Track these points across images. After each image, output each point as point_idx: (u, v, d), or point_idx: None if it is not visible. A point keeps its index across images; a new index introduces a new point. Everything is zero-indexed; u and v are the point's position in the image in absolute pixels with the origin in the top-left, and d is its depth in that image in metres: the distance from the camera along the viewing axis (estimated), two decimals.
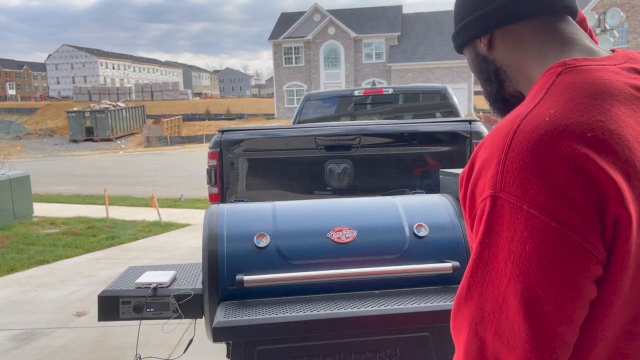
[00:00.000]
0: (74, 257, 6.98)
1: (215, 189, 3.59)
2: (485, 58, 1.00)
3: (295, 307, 1.79)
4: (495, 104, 1.04)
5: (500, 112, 1.05)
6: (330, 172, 3.50)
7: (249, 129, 3.69)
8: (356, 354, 1.88)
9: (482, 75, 1.02)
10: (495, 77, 1.00)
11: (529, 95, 0.85)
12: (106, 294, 2.07)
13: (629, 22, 29.18)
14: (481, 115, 35.03)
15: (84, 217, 9.94)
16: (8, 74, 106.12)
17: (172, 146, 32.25)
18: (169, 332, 3.97)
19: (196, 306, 2.02)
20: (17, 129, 45.76)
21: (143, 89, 69.09)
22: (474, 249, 0.78)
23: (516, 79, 0.97)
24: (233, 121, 44.77)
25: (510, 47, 0.95)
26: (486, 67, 1.00)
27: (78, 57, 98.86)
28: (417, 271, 1.93)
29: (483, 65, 1.01)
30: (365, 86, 6.30)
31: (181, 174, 17.89)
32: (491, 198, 0.75)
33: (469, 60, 1.05)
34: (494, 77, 1.00)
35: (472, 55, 1.03)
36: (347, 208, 2.16)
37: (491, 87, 1.02)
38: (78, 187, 15.12)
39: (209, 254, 1.94)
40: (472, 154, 0.89)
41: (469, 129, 3.47)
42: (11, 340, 4.18)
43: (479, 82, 1.07)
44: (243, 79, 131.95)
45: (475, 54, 1.02)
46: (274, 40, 45.83)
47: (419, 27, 45.57)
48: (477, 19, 0.97)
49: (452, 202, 2.21)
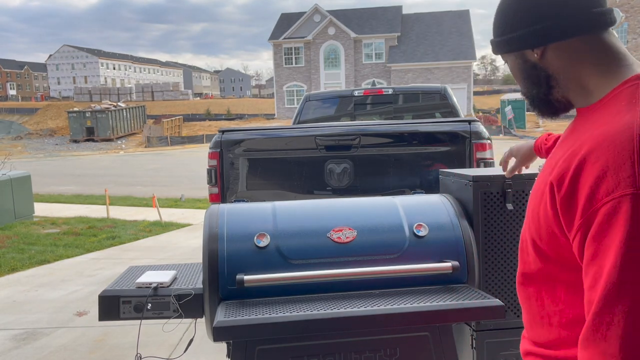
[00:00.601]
0: (75, 257, 6.99)
1: (215, 189, 3.60)
2: (535, 65, 1.09)
3: (295, 306, 1.80)
4: (540, 105, 1.14)
5: (542, 112, 1.15)
6: (330, 172, 3.50)
7: (249, 129, 3.70)
8: (356, 354, 1.89)
9: (529, 79, 1.12)
10: (545, 83, 1.09)
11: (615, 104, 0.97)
12: (107, 293, 2.07)
13: (629, 22, 29.17)
14: (481, 115, 35.04)
15: (85, 217, 9.94)
16: (9, 74, 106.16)
17: (172, 146, 32.26)
18: (169, 332, 3.98)
19: (196, 306, 2.03)
20: (18, 129, 45.79)
21: (144, 89, 69.10)
22: (615, 246, 0.83)
23: (567, 86, 1.08)
24: (233, 121, 44.76)
25: (565, 58, 1.05)
26: (536, 73, 1.10)
27: (79, 57, 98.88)
28: (417, 271, 1.93)
29: (533, 72, 1.10)
30: (365, 86, 6.30)
31: (181, 174, 17.89)
32: (632, 196, 0.82)
33: (514, 64, 1.14)
34: (544, 83, 1.09)
35: (519, 61, 1.12)
36: (347, 208, 2.16)
37: (538, 90, 1.12)
38: (79, 187, 15.13)
39: (209, 253, 1.94)
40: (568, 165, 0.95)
41: (469, 129, 3.48)
42: (12, 339, 4.19)
43: (521, 84, 1.16)
44: (243, 79, 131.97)
45: (523, 61, 1.11)
46: (274, 41, 45.83)
47: (418, 28, 45.57)
48: (533, 32, 1.06)
49: (452, 202, 2.21)
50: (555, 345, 1.08)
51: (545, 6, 1.04)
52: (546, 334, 1.11)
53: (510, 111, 30.00)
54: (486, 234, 2.18)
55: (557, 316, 1.08)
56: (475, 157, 3.44)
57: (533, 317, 1.15)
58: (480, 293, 1.87)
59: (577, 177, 0.92)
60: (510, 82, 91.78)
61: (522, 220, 2.19)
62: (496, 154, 4.24)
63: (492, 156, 3.52)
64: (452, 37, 43.86)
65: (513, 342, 2.21)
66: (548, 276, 1.09)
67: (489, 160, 3.47)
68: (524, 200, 2.19)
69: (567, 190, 0.93)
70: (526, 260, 1.15)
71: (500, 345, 2.21)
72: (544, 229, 1.03)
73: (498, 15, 1.14)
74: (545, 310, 1.11)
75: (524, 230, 1.17)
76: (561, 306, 1.07)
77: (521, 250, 1.18)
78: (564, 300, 1.06)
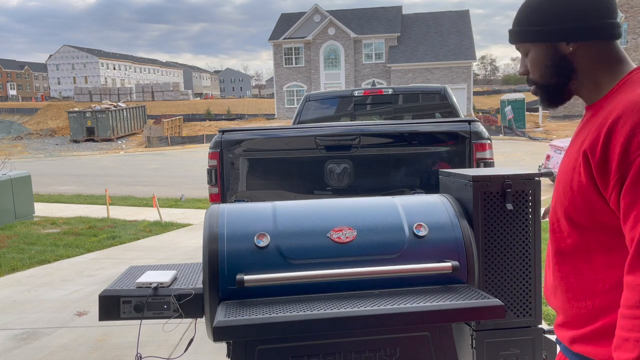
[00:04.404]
0: (75, 257, 6.99)
1: (215, 189, 3.60)
2: (565, 58, 1.23)
3: (295, 306, 1.80)
4: (553, 93, 1.28)
5: (551, 100, 1.30)
6: (330, 172, 3.51)
7: (249, 129, 3.70)
8: (356, 354, 1.89)
9: (553, 69, 1.25)
10: (568, 75, 1.24)
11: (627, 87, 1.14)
12: (107, 293, 2.07)
13: (628, 22, 29.17)
14: (480, 115, 35.03)
15: (85, 217, 9.95)
16: (9, 75, 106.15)
17: (172, 146, 32.25)
18: (169, 332, 3.98)
19: (197, 306, 2.03)
20: (18, 129, 45.77)
21: (144, 89, 69.12)
22: None
23: (583, 82, 1.24)
24: (233, 121, 44.74)
25: (590, 57, 1.21)
26: (562, 65, 1.24)
27: (79, 57, 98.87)
28: (417, 271, 1.93)
29: (560, 63, 1.24)
30: (365, 86, 6.31)
31: (182, 174, 17.90)
32: None
33: (542, 53, 1.25)
34: (567, 75, 1.24)
35: (549, 51, 1.24)
36: (347, 208, 2.16)
37: (557, 80, 1.26)
38: (79, 187, 15.14)
39: (209, 253, 1.95)
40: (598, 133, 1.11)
41: (469, 129, 3.48)
42: (12, 339, 4.19)
43: (540, 72, 1.27)
44: (243, 79, 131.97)
45: (554, 52, 1.24)
46: (274, 41, 45.83)
47: (418, 28, 45.57)
48: (574, 29, 1.20)
49: (452, 202, 2.22)
50: (597, 316, 1.17)
51: (583, 7, 1.18)
52: (589, 305, 1.19)
53: (510, 111, 30.00)
54: (486, 234, 2.18)
55: (599, 284, 1.17)
56: (475, 157, 3.45)
57: (573, 293, 1.23)
58: (480, 293, 1.88)
59: (608, 141, 1.07)
60: (510, 82, 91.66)
61: (522, 220, 2.19)
62: (496, 154, 4.24)
63: (491, 156, 3.52)
64: (452, 37, 43.86)
65: (513, 342, 2.22)
66: (585, 247, 1.19)
67: (488, 160, 3.47)
68: (524, 200, 2.19)
69: (600, 154, 1.08)
70: (560, 238, 1.25)
71: (500, 345, 2.21)
72: (578, 200, 1.16)
73: (530, 8, 1.25)
74: (586, 280, 1.20)
75: (553, 211, 1.27)
76: (600, 274, 1.17)
77: (553, 232, 1.28)
78: (602, 268, 1.16)
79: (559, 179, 1.24)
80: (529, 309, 2.23)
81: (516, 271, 2.21)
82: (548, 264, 1.36)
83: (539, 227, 2.21)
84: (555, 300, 1.30)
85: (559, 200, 1.23)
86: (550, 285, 1.32)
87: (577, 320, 1.22)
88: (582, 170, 1.13)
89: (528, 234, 2.19)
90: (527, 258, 2.21)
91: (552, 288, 1.30)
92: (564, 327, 1.27)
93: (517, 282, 2.22)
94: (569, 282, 1.23)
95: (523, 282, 2.22)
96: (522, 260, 2.20)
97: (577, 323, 1.22)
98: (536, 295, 2.23)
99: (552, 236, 1.29)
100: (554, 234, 1.28)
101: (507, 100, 31.36)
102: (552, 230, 1.29)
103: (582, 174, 1.13)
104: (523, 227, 2.19)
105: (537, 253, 2.21)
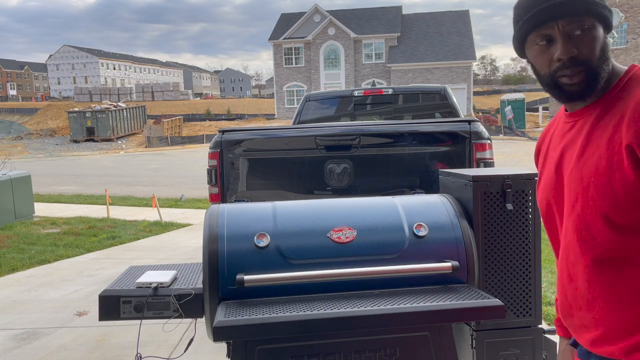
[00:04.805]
0: (75, 257, 6.99)
1: (215, 189, 3.60)
2: (606, 42, 1.24)
3: (295, 306, 1.80)
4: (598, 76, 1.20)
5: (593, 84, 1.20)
6: (330, 172, 3.51)
7: (249, 129, 3.70)
8: (356, 354, 1.89)
9: (605, 53, 1.21)
10: (607, 58, 1.21)
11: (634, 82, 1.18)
12: (107, 293, 2.07)
13: (628, 22, 29.14)
14: (480, 115, 35.02)
15: (85, 217, 9.95)
16: (9, 74, 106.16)
17: (172, 146, 32.25)
18: (169, 332, 3.98)
19: (197, 306, 2.03)
20: (18, 129, 45.78)
21: (144, 89, 69.12)
22: None
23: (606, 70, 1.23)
24: (233, 121, 44.74)
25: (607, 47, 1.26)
26: (607, 51, 1.23)
27: (79, 57, 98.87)
28: (417, 271, 1.93)
29: (605, 47, 1.23)
30: (365, 86, 6.31)
31: (182, 174, 17.90)
32: None
33: (601, 35, 1.21)
34: (607, 58, 1.21)
35: (602, 32, 1.21)
36: (347, 208, 2.16)
37: (606, 66, 1.21)
38: (79, 187, 15.14)
39: (209, 253, 1.95)
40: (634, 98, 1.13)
41: (469, 129, 3.48)
42: (12, 339, 4.19)
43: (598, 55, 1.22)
44: (243, 79, 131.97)
45: (603, 35, 1.22)
46: (274, 41, 45.83)
47: (418, 28, 45.57)
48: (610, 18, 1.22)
49: (452, 202, 2.22)
50: None
51: None
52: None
53: (510, 111, 30.01)
54: (486, 234, 2.18)
55: None
56: (475, 157, 3.45)
57: (619, 300, 1.14)
58: (480, 293, 1.88)
59: None
60: (510, 82, 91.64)
61: (522, 220, 2.19)
62: (496, 154, 4.24)
63: (491, 156, 3.52)
64: (452, 37, 43.86)
65: (513, 342, 2.22)
66: (627, 250, 1.12)
67: (488, 160, 3.47)
68: (524, 200, 2.19)
69: None
70: (594, 245, 1.16)
71: (500, 345, 2.21)
72: (622, 199, 1.09)
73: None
74: (634, 284, 1.12)
75: (582, 217, 1.18)
76: None
77: (584, 242, 1.19)
78: None
79: (589, 184, 1.15)
80: (529, 309, 2.23)
81: (516, 271, 2.21)
82: (570, 276, 1.25)
83: (539, 227, 2.21)
84: (590, 313, 1.20)
85: (590, 206, 1.15)
86: (582, 297, 1.22)
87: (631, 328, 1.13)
88: (628, 166, 1.07)
89: (528, 234, 2.19)
90: (527, 258, 2.21)
91: (586, 301, 1.20)
92: (606, 341, 1.17)
93: (517, 282, 2.22)
94: (614, 289, 1.14)
95: (523, 282, 2.22)
96: (522, 260, 2.20)
97: (632, 330, 1.13)
98: (536, 295, 2.23)
99: (583, 246, 1.18)
100: (584, 244, 1.18)
101: (507, 100, 31.38)
102: (579, 239, 1.19)
103: (628, 170, 1.07)
104: (523, 227, 2.19)
105: (537, 253, 2.21)
